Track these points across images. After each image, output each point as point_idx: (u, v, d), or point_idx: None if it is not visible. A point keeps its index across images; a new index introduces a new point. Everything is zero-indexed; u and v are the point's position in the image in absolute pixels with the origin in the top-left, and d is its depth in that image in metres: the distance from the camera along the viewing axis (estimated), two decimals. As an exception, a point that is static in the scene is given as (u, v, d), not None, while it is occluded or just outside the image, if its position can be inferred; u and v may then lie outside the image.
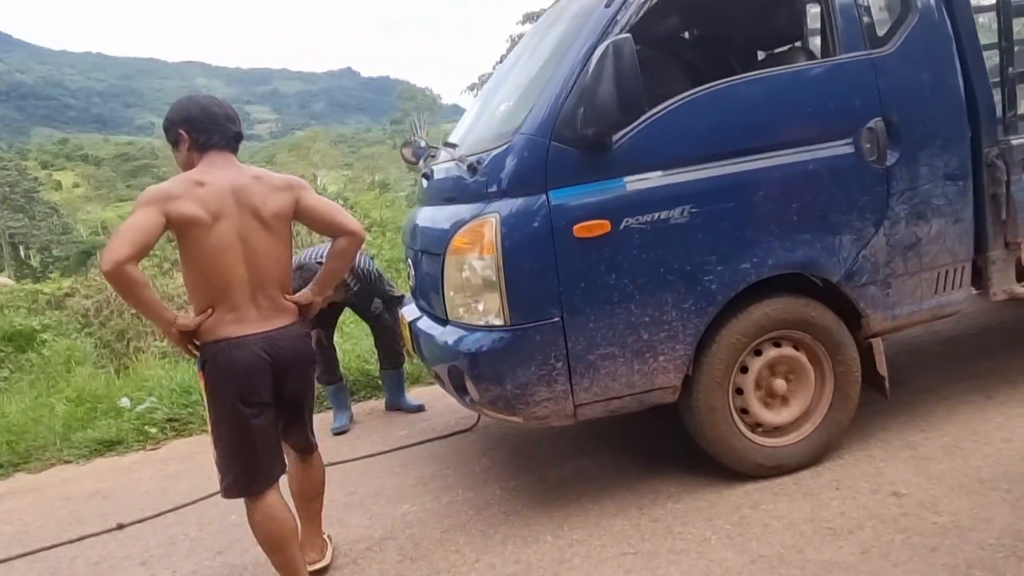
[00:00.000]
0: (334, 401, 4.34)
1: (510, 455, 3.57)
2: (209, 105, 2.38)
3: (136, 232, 2.13)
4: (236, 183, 2.29)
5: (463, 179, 2.83)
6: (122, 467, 4.22)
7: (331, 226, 2.42)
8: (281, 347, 2.33)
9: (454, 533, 2.85)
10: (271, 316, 2.33)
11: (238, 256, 2.26)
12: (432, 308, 3.08)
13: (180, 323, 2.27)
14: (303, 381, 2.49)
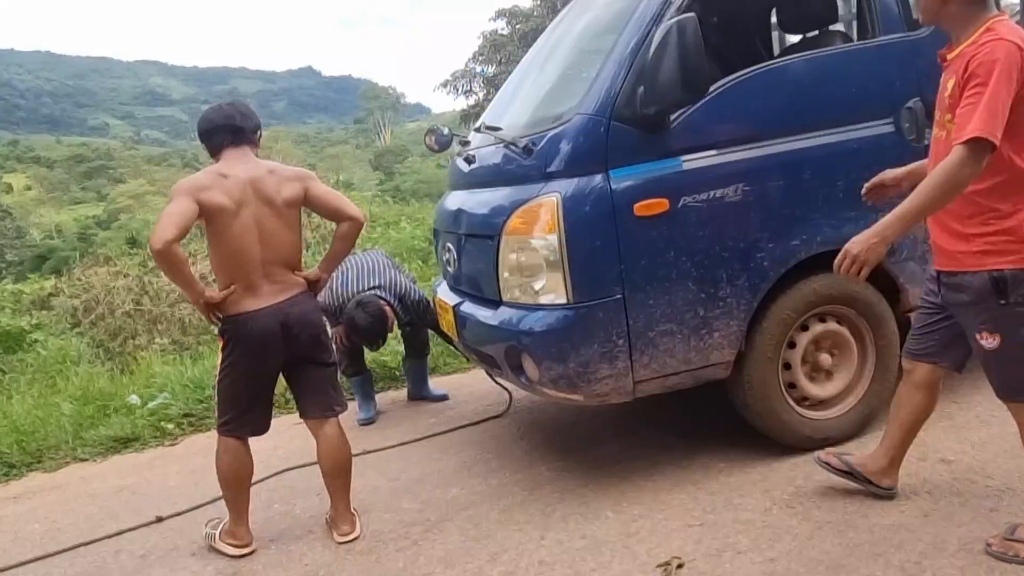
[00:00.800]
0: (359, 392, 4.32)
1: (548, 438, 3.60)
2: (210, 115, 2.76)
3: (179, 216, 2.51)
4: (253, 175, 2.66)
5: (517, 160, 2.84)
6: (142, 463, 4.14)
7: (336, 212, 2.77)
8: (290, 314, 2.71)
9: (512, 512, 2.87)
10: (283, 289, 2.72)
11: (255, 239, 2.64)
12: (480, 291, 3.09)
13: (208, 295, 2.66)
14: (311, 341, 2.80)
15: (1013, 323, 2.08)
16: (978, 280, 2.08)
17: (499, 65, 24.44)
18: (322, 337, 2.88)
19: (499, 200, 2.90)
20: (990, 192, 2.04)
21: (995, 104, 1.90)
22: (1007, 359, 2.12)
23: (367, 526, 2.93)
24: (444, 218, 3.50)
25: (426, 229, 8.49)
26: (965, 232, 2.10)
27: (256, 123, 2.83)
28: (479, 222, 3.03)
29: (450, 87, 25.52)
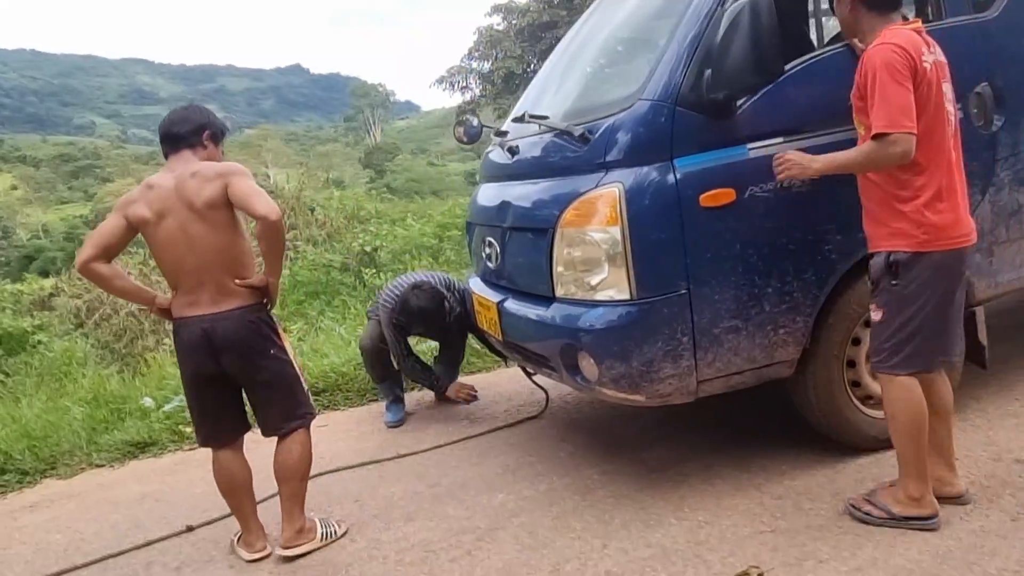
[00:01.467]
0: (387, 394, 4.17)
1: (591, 440, 3.47)
2: (163, 122, 2.74)
3: (98, 235, 2.61)
4: (178, 181, 2.59)
5: (571, 150, 2.71)
6: (163, 469, 3.98)
7: (246, 211, 2.57)
8: (216, 328, 2.60)
9: (567, 519, 2.74)
10: (219, 300, 2.61)
11: (184, 247, 2.57)
12: (528, 287, 2.96)
13: (158, 302, 2.76)
14: (242, 362, 2.67)
15: (899, 303, 2.29)
16: (880, 259, 2.33)
17: (495, 61, 24.26)
18: (256, 356, 2.67)
19: (552, 192, 2.76)
20: (892, 180, 2.27)
21: (886, 99, 2.15)
22: (884, 332, 2.34)
23: (413, 535, 2.79)
24: (483, 211, 3.36)
25: (435, 226, 8.34)
26: (877, 215, 2.35)
27: (198, 123, 2.71)
28: (529, 215, 2.89)
29: (445, 83, 25.30)
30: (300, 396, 2.81)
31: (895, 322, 2.30)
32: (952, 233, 2.26)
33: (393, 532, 2.85)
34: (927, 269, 2.26)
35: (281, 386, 2.75)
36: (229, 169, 2.61)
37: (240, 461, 2.86)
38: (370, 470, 3.50)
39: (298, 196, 9.01)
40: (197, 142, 2.70)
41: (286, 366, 2.77)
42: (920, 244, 2.25)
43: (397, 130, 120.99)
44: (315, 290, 7.33)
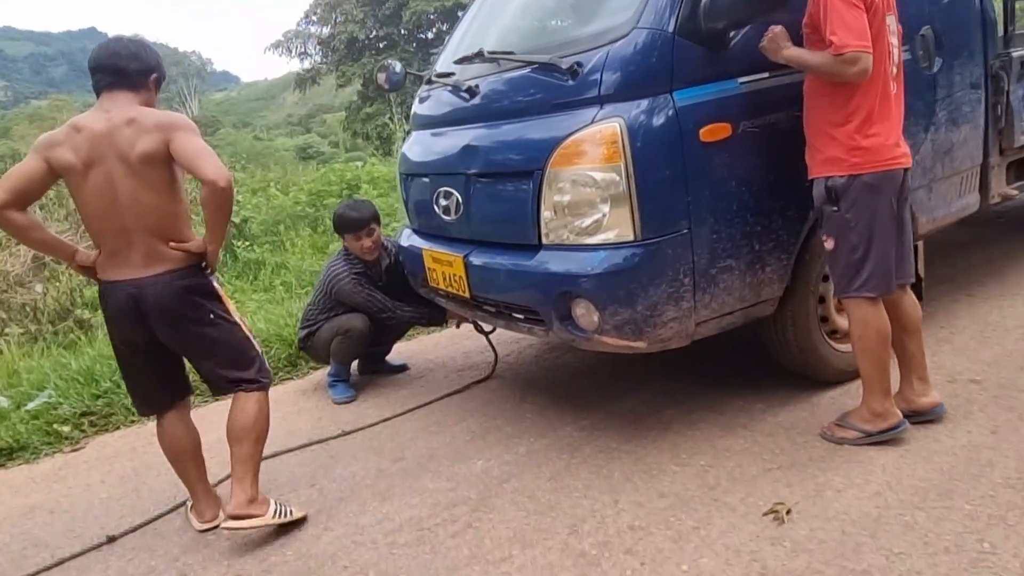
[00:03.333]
0: (343, 373, 3.79)
1: (553, 398, 3.33)
2: (97, 51, 2.39)
3: (13, 179, 2.27)
4: (111, 126, 2.28)
5: (555, 85, 2.51)
6: (44, 476, 3.35)
7: (192, 172, 2.30)
8: (146, 293, 2.36)
9: (564, 479, 2.59)
10: (149, 263, 2.36)
11: (113, 203, 2.29)
12: (502, 236, 2.74)
13: (77, 259, 2.45)
14: (174, 331, 2.45)
15: (843, 228, 2.37)
16: (818, 188, 2.42)
17: (335, 25, 23.03)
18: (189, 326, 2.44)
19: (534, 132, 2.55)
20: (827, 105, 2.35)
21: (844, 21, 2.20)
22: (838, 260, 2.42)
23: (396, 514, 2.52)
24: (433, 161, 3.08)
25: (308, 194, 7.75)
26: (814, 143, 2.43)
27: (148, 66, 2.40)
28: (505, 159, 2.66)
29: (282, 49, 23.64)
30: (252, 354, 2.58)
31: (845, 248, 2.39)
32: (884, 155, 2.34)
33: (372, 514, 2.56)
34: (863, 191, 2.34)
35: (227, 350, 2.51)
36: (173, 122, 2.31)
37: (185, 426, 2.67)
38: (315, 451, 3.15)
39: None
40: (141, 85, 2.39)
41: (233, 329, 2.53)
42: (852, 167, 2.33)
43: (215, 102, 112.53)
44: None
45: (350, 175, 8.00)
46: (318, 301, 3.75)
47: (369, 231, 3.64)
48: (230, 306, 2.57)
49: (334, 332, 3.64)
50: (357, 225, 3.62)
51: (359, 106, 23.00)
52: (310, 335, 3.75)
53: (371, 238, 3.65)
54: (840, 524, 2.10)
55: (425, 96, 3.45)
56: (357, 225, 3.62)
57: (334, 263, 3.71)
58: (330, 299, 3.69)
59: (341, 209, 3.77)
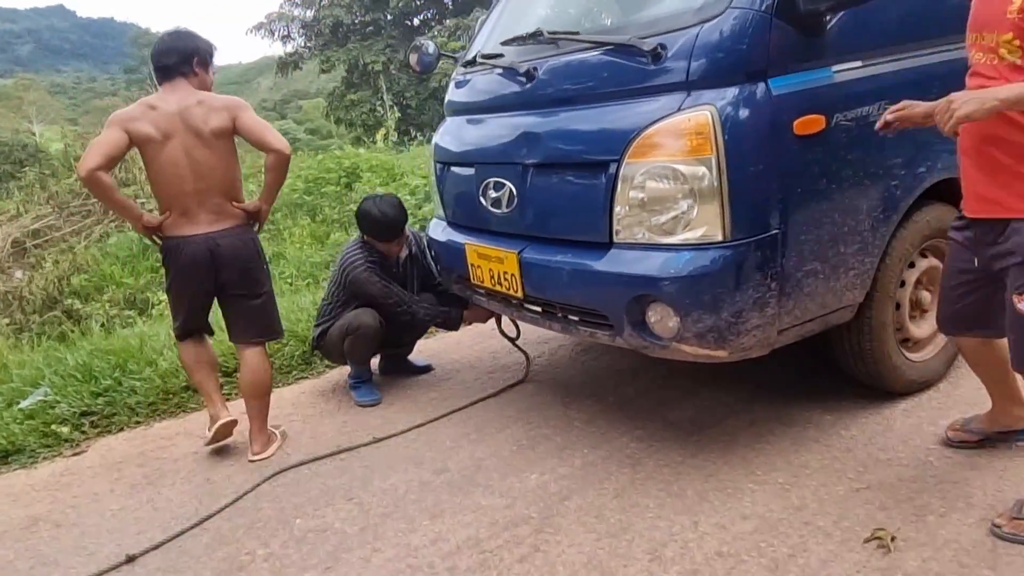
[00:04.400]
0: (364, 374, 3.54)
1: (599, 404, 3.13)
2: (153, 51, 2.83)
3: (104, 145, 2.69)
4: (182, 106, 2.76)
5: (634, 68, 2.30)
6: (45, 483, 3.08)
7: (260, 144, 2.80)
8: (220, 244, 2.86)
9: (631, 497, 2.40)
10: (218, 219, 2.85)
11: (185, 168, 2.77)
12: (563, 232, 2.53)
13: (146, 220, 2.86)
14: (240, 273, 2.93)
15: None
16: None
17: (320, 8, 22.45)
18: (253, 271, 2.96)
19: (608, 119, 2.34)
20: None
21: None
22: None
23: (451, 534, 2.31)
24: (485, 149, 2.85)
25: (305, 181, 7.45)
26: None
27: (186, 51, 2.82)
28: (574, 148, 2.44)
29: (264, 31, 22.98)
30: (275, 314, 3.11)
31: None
32: None
33: (423, 533, 2.34)
34: None
35: (263, 303, 3.02)
36: (235, 104, 2.83)
37: (207, 345, 3.15)
38: (346, 460, 2.93)
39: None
40: (188, 70, 2.82)
41: (270, 283, 3.08)
42: None
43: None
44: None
45: (348, 162, 7.71)
46: (332, 294, 3.51)
47: (400, 241, 3.42)
48: (268, 266, 3.12)
49: (344, 331, 3.39)
50: (390, 234, 3.39)
51: (343, 92, 22.51)
52: (323, 333, 3.51)
53: (400, 243, 3.43)
54: (953, 554, 1.94)
55: (463, 80, 3.22)
56: (390, 234, 3.39)
57: (350, 251, 3.44)
58: (344, 291, 3.44)
59: (372, 212, 3.36)
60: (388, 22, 23.23)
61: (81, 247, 6.52)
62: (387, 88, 14.47)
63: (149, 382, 3.77)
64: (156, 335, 4.28)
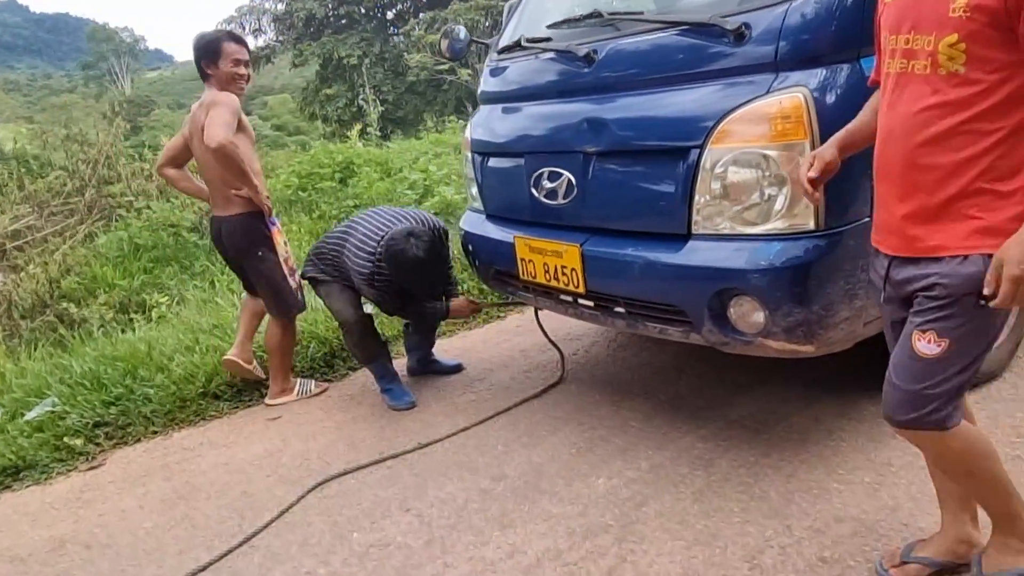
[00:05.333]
0: (385, 376, 3.35)
1: (651, 403, 3.01)
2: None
3: (167, 148, 3.48)
4: (196, 109, 3.21)
5: (713, 48, 2.17)
6: (63, 499, 2.88)
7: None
8: (223, 229, 3.32)
9: (712, 500, 2.28)
10: (225, 206, 3.26)
11: (201, 163, 3.28)
12: (632, 224, 2.41)
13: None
14: (237, 257, 3.38)
15: (974, 333, 1.51)
16: (968, 268, 1.44)
17: (291, 2, 21.96)
18: (245, 254, 3.29)
19: (687, 103, 2.21)
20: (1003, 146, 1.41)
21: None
22: (936, 372, 1.52)
23: (527, 546, 2.18)
24: (538, 136, 2.70)
25: (298, 177, 7.21)
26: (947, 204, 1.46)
27: (197, 58, 3.21)
28: (649, 134, 2.31)
29: (235, 24, 22.37)
30: (282, 296, 3.34)
31: (962, 359, 1.52)
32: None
33: (496, 546, 2.20)
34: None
35: (264, 285, 3.33)
36: (214, 100, 3.09)
37: (255, 301, 3.53)
38: (393, 468, 2.77)
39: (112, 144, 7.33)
40: (209, 73, 3.19)
41: (273, 269, 3.30)
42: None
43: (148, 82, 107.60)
44: (164, 255, 5.98)
45: (341, 157, 7.49)
46: (331, 254, 3.24)
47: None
48: (278, 247, 3.31)
49: (333, 314, 3.32)
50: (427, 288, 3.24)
51: (317, 87, 22.08)
52: (314, 281, 3.35)
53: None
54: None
55: (500, 67, 3.07)
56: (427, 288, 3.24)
57: (363, 255, 3.09)
58: (342, 272, 3.22)
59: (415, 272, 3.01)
60: (362, 15, 22.86)
61: (66, 247, 6.23)
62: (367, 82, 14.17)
63: (163, 389, 3.56)
64: (163, 339, 4.06)
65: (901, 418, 1.60)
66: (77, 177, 7.07)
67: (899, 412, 1.60)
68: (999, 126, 1.39)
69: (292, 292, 3.36)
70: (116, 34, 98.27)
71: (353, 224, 3.24)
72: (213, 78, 3.16)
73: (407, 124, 22.13)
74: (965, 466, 1.64)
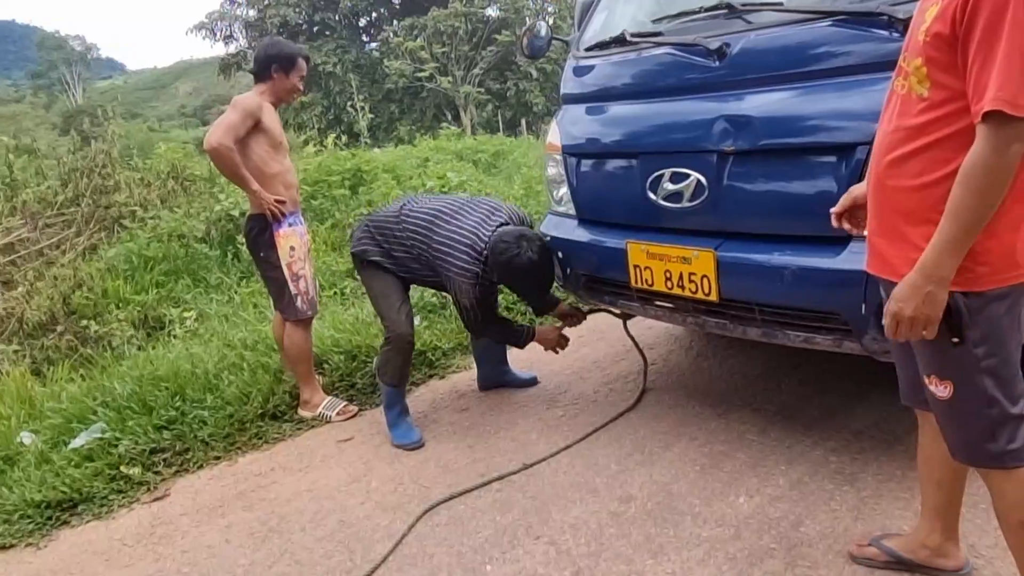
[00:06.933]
0: (397, 405, 3.08)
1: (760, 414, 2.87)
2: None
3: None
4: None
5: (874, 39, 2.05)
6: (135, 535, 2.63)
7: None
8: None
9: (874, 518, 2.15)
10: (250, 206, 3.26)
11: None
12: (778, 227, 2.27)
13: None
14: (250, 256, 3.55)
15: (967, 369, 1.46)
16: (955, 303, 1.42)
17: (264, 8, 21.49)
18: (252, 251, 3.33)
19: (847, 98, 2.08)
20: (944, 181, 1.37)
21: (1020, 56, 1.24)
22: (967, 409, 1.50)
23: (688, 573, 2.02)
24: (661, 136, 2.55)
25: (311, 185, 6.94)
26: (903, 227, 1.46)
27: (262, 60, 3.18)
28: (803, 132, 2.17)
29: (206, 31, 21.76)
30: (286, 298, 3.25)
31: (978, 397, 1.48)
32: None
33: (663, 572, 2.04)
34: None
35: (271, 285, 3.31)
36: (234, 102, 3.12)
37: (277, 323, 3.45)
38: (503, 491, 2.59)
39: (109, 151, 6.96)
40: (265, 76, 3.17)
41: (276, 270, 3.23)
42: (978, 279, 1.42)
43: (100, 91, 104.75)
44: (175, 268, 5.67)
45: (349, 164, 7.25)
46: (410, 240, 2.91)
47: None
48: (280, 251, 3.19)
49: (381, 319, 3.03)
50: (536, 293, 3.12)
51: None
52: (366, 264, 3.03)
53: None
54: None
55: (589, 65, 2.92)
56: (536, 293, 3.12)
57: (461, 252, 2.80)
58: (426, 260, 2.89)
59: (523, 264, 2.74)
60: (337, 22, 22.52)
61: (66, 260, 5.88)
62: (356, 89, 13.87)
63: (218, 411, 3.32)
64: (203, 357, 3.79)
65: (959, 458, 1.60)
66: (71, 186, 6.70)
67: (955, 454, 1.59)
68: (954, 160, 1.35)
69: (293, 297, 3.24)
70: (67, 42, 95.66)
71: (438, 217, 2.88)
72: (274, 83, 3.17)
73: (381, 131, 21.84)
74: (1019, 514, 1.52)
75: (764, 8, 2.31)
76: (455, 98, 20.08)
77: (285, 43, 3.31)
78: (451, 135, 11.90)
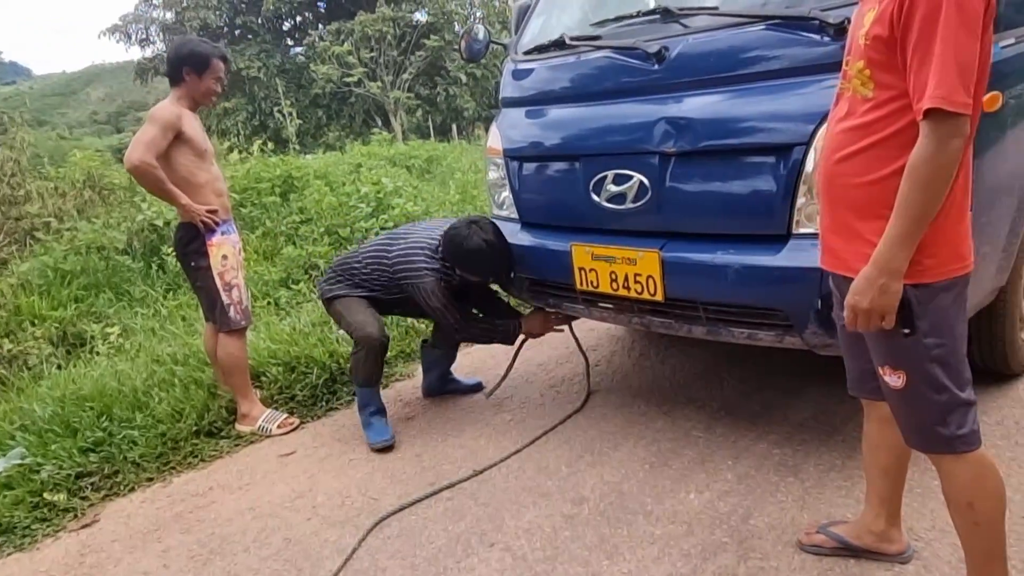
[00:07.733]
0: (372, 405, 3.05)
1: (703, 410, 2.92)
2: None
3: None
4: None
5: (807, 43, 2.11)
6: (61, 567, 2.47)
7: None
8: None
9: (818, 507, 2.21)
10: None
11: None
12: (717, 226, 2.32)
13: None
14: (179, 263, 3.43)
15: (919, 358, 1.50)
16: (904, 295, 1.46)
17: (182, 11, 20.70)
18: (181, 260, 3.26)
19: (785, 100, 2.14)
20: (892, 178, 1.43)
21: (956, 53, 1.31)
22: (919, 397, 1.54)
23: (644, 573, 2.02)
24: (601, 138, 2.56)
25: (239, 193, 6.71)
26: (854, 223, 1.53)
27: (174, 60, 3.06)
28: (743, 132, 2.21)
29: (120, 34, 20.79)
30: (219, 308, 3.16)
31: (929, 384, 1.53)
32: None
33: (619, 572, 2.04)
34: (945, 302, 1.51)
35: (202, 294, 3.22)
36: (151, 115, 3.00)
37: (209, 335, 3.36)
38: (454, 499, 2.55)
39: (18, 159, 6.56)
40: (177, 78, 3.05)
41: (208, 280, 3.14)
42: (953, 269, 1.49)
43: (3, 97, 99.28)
44: (95, 281, 5.39)
45: (279, 171, 7.05)
46: (369, 268, 3.00)
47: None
48: (212, 260, 3.10)
49: (350, 329, 2.98)
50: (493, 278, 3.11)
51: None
52: (338, 298, 3.04)
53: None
54: None
55: (528, 69, 2.92)
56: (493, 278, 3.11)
57: (418, 257, 2.90)
58: (389, 284, 2.96)
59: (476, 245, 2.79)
60: (260, 26, 21.95)
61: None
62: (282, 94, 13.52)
63: (149, 430, 3.16)
64: (130, 374, 3.61)
65: (912, 444, 1.65)
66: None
67: (909, 440, 1.65)
68: (900, 157, 1.41)
69: (226, 307, 3.16)
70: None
71: (392, 238, 3.06)
72: (187, 86, 3.05)
73: (309, 137, 21.41)
74: (967, 496, 1.59)
75: (700, 12, 2.35)
76: (384, 103, 19.90)
77: (198, 43, 3.14)
78: (383, 140, 11.76)
